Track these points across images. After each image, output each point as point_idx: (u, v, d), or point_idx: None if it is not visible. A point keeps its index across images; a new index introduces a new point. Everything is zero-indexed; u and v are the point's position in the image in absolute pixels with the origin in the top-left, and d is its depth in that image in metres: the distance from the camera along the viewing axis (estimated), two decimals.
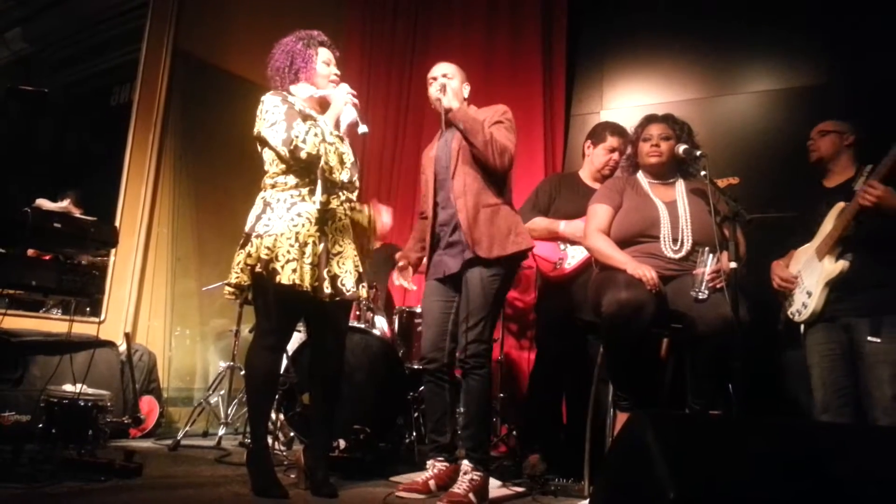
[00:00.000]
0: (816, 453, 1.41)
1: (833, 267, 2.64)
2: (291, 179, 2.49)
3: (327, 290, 2.46)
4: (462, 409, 2.65)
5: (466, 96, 2.83)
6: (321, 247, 2.48)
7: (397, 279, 2.99)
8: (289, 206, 2.46)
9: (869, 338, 2.58)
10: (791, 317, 2.76)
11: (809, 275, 2.72)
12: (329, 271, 2.50)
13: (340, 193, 2.57)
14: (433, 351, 2.74)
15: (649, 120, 2.88)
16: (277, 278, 2.36)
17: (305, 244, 2.42)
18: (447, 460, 2.70)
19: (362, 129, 2.57)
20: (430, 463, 2.73)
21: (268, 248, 2.39)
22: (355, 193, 2.67)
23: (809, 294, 2.69)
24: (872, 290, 2.59)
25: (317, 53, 2.63)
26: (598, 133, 3.37)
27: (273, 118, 2.45)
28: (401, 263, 2.97)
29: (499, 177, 2.70)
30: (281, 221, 2.43)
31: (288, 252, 2.39)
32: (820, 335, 2.70)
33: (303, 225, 2.44)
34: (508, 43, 4.68)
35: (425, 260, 2.86)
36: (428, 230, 2.80)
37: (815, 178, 2.89)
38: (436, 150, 2.84)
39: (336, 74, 2.67)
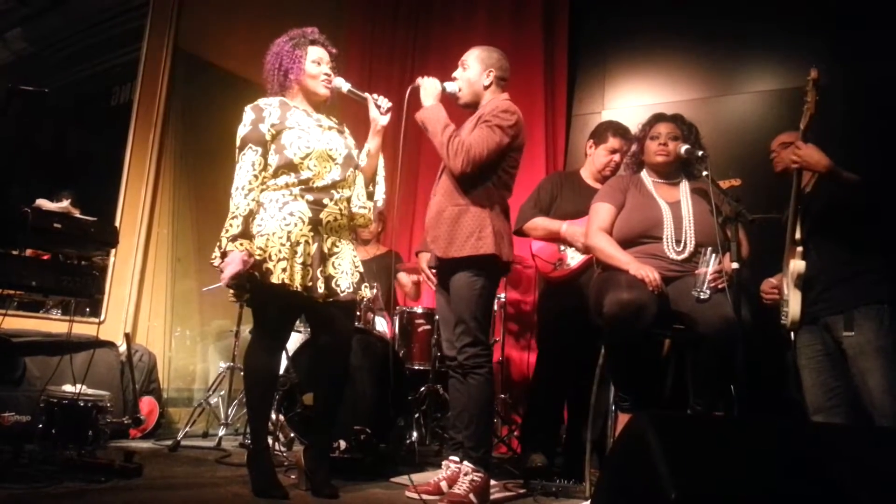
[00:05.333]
0: (818, 454, 1.40)
1: (793, 268, 2.65)
2: (281, 180, 2.45)
3: (321, 290, 2.43)
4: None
5: (489, 82, 2.72)
6: (314, 246, 2.46)
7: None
8: (280, 205, 2.43)
9: (844, 333, 2.60)
10: (783, 324, 2.77)
11: (787, 281, 2.73)
12: (324, 272, 2.48)
13: (334, 192, 2.52)
14: (449, 349, 2.73)
15: (658, 119, 2.85)
16: (269, 278, 2.35)
17: (297, 244, 2.41)
18: (462, 459, 2.65)
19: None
20: (444, 463, 2.71)
21: (260, 248, 2.38)
22: (354, 190, 2.61)
23: (787, 300, 2.70)
24: (841, 286, 2.63)
25: (306, 53, 2.56)
26: (601, 133, 3.36)
27: (238, 141, 2.47)
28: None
29: (477, 178, 2.58)
30: (273, 221, 2.41)
31: (279, 252, 2.37)
32: (806, 337, 2.72)
33: (295, 224, 2.42)
34: (510, 42, 4.66)
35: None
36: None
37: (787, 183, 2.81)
38: None
39: (326, 74, 2.59)
